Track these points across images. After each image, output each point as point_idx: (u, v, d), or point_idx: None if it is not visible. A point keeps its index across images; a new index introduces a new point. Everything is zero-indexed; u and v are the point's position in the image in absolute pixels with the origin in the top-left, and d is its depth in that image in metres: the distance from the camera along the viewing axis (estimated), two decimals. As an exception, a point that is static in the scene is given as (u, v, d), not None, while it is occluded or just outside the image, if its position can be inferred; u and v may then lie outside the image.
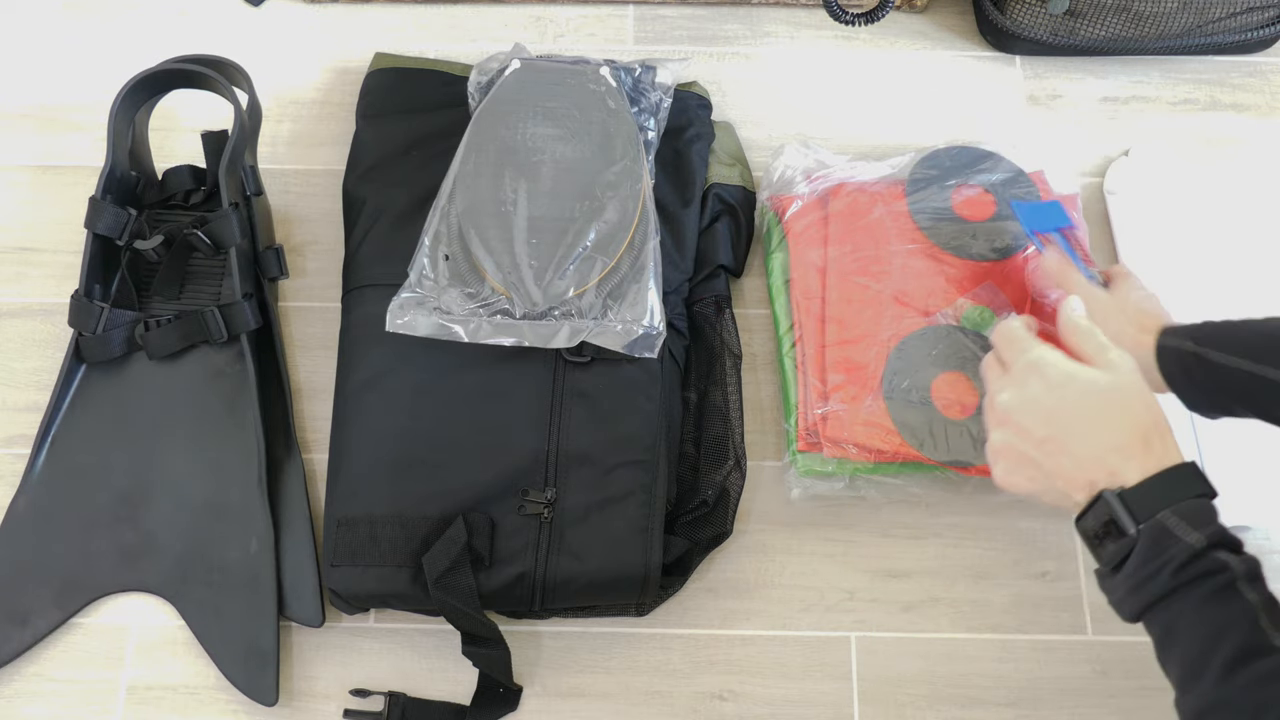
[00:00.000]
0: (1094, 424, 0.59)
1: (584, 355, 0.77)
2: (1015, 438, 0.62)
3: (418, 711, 0.73)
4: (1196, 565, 0.53)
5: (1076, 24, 0.93)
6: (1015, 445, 0.62)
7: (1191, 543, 0.53)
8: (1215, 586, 0.52)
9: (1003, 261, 0.83)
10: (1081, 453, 0.59)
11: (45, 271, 0.88)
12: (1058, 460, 0.60)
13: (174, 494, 0.78)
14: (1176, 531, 0.53)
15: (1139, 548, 0.54)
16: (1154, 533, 0.54)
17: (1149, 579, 0.54)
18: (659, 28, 1.00)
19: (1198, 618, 0.52)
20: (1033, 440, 0.61)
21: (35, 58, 0.97)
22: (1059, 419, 0.60)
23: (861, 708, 0.75)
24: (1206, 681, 0.51)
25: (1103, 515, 0.56)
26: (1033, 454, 0.61)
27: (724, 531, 0.77)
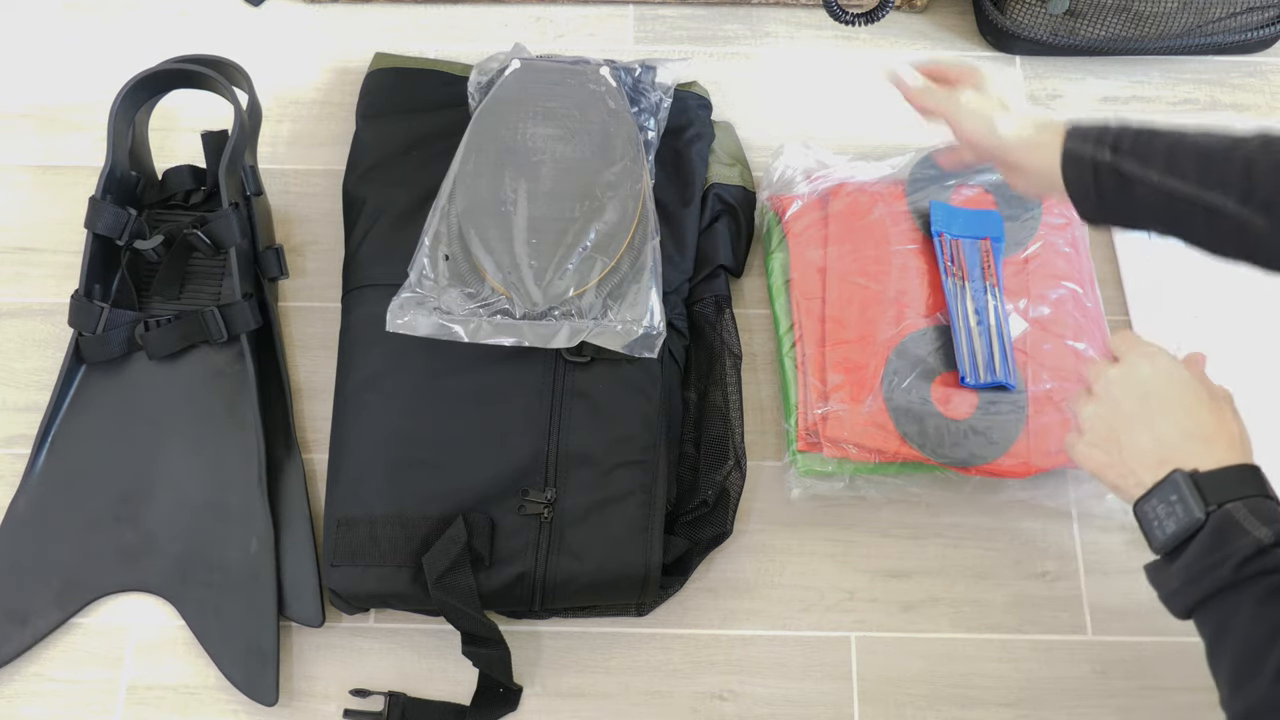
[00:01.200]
0: (1184, 411, 0.58)
1: (584, 355, 0.77)
2: (1107, 409, 0.61)
3: (418, 711, 0.73)
4: (1261, 560, 0.51)
5: (1076, 24, 0.93)
6: (1104, 417, 0.61)
7: (1260, 537, 0.51)
8: (1277, 584, 0.50)
9: (1003, 261, 0.83)
10: (1164, 432, 0.58)
11: (45, 271, 0.88)
12: (1139, 436, 0.58)
13: (174, 494, 0.78)
14: (1245, 524, 0.52)
15: (1202, 536, 0.53)
16: (1220, 523, 0.52)
17: (1209, 570, 0.52)
18: (659, 28, 1.00)
19: (1257, 615, 0.50)
20: (1122, 413, 0.60)
21: (35, 58, 0.97)
22: (1153, 398, 0.59)
23: (861, 708, 0.75)
24: (1262, 680, 0.49)
25: (1169, 494, 0.55)
26: (1118, 426, 0.60)
27: (724, 531, 0.77)
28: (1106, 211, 0.64)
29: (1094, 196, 0.63)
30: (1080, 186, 0.63)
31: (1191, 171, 0.59)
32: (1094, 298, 0.84)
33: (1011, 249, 0.84)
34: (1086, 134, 0.64)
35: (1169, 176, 0.60)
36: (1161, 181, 0.60)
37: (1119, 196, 0.62)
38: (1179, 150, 0.60)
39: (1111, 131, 0.63)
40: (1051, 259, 0.84)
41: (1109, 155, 0.62)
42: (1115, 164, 0.61)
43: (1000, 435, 0.77)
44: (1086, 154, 0.63)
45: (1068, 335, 0.81)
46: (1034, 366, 0.80)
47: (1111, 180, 0.62)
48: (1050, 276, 0.83)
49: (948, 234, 0.83)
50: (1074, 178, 0.63)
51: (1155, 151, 0.61)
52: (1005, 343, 0.79)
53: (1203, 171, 0.59)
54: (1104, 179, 0.62)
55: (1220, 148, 0.59)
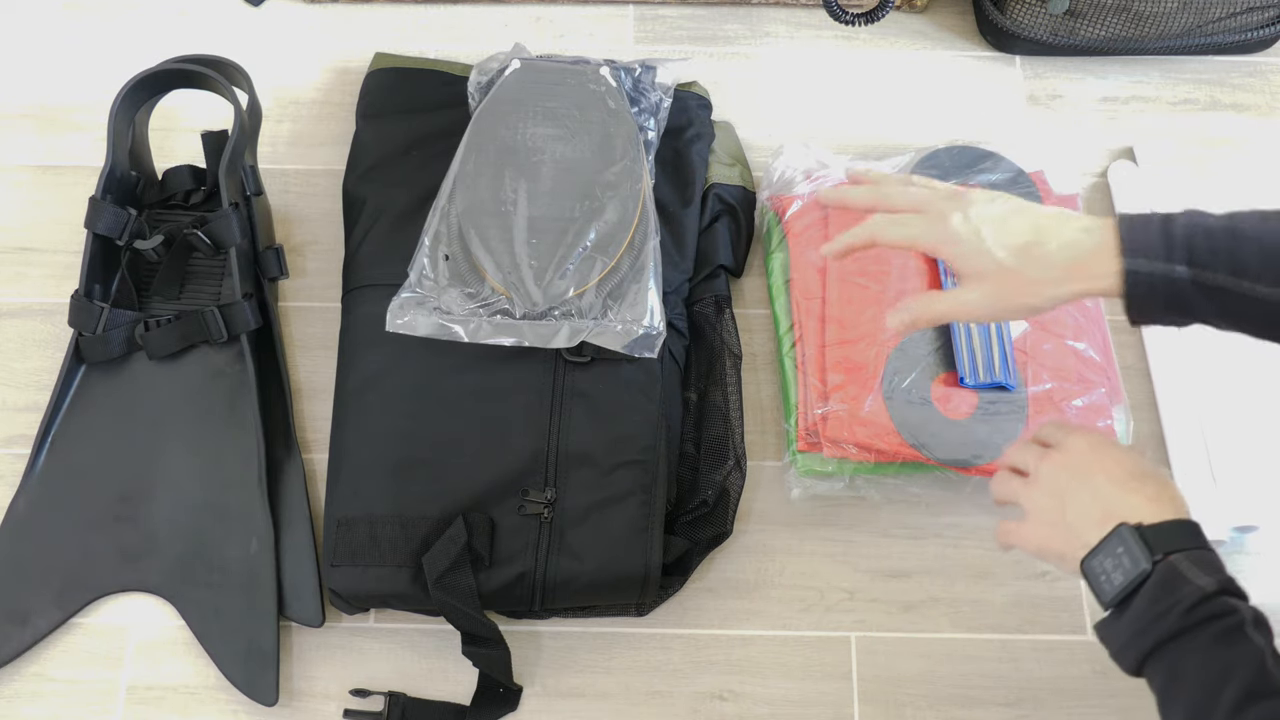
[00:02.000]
0: (1124, 472, 0.58)
1: (584, 355, 0.77)
2: (1047, 487, 0.61)
3: (418, 711, 0.73)
4: (1206, 607, 0.51)
5: (1076, 24, 0.93)
6: (1046, 494, 0.61)
7: (1203, 585, 0.52)
8: (1224, 629, 0.51)
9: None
10: (1106, 492, 0.58)
11: (45, 271, 0.88)
12: (1081, 499, 0.58)
13: (174, 494, 0.78)
14: (1188, 574, 0.52)
15: (1147, 588, 0.53)
16: (1165, 574, 0.53)
17: (1157, 620, 0.53)
18: (659, 28, 1.00)
19: (1205, 659, 0.51)
20: (1063, 486, 0.60)
21: (35, 58, 0.97)
22: (1093, 465, 0.60)
23: (861, 708, 0.75)
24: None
25: (1115, 548, 0.55)
26: (1061, 496, 0.60)
27: (724, 531, 0.77)
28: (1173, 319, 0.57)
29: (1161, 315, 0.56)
30: (1149, 309, 0.56)
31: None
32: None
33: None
34: (1148, 243, 0.55)
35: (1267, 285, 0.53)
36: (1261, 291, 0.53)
37: (1201, 309, 0.55)
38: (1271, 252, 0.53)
39: (1178, 236, 0.54)
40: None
41: (1186, 270, 0.54)
42: (1197, 278, 0.54)
43: (1000, 435, 0.77)
44: (1156, 272, 0.54)
45: (1068, 335, 0.81)
46: (1034, 366, 0.80)
47: (1195, 296, 0.54)
48: (1050, 276, 0.83)
49: None
50: (1142, 302, 0.55)
51: (1246, 255, 0.53)
52: (1005, 343, 0.79)
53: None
54: (1184, 296, 0.54)
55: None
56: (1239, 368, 0.82)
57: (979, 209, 0.60)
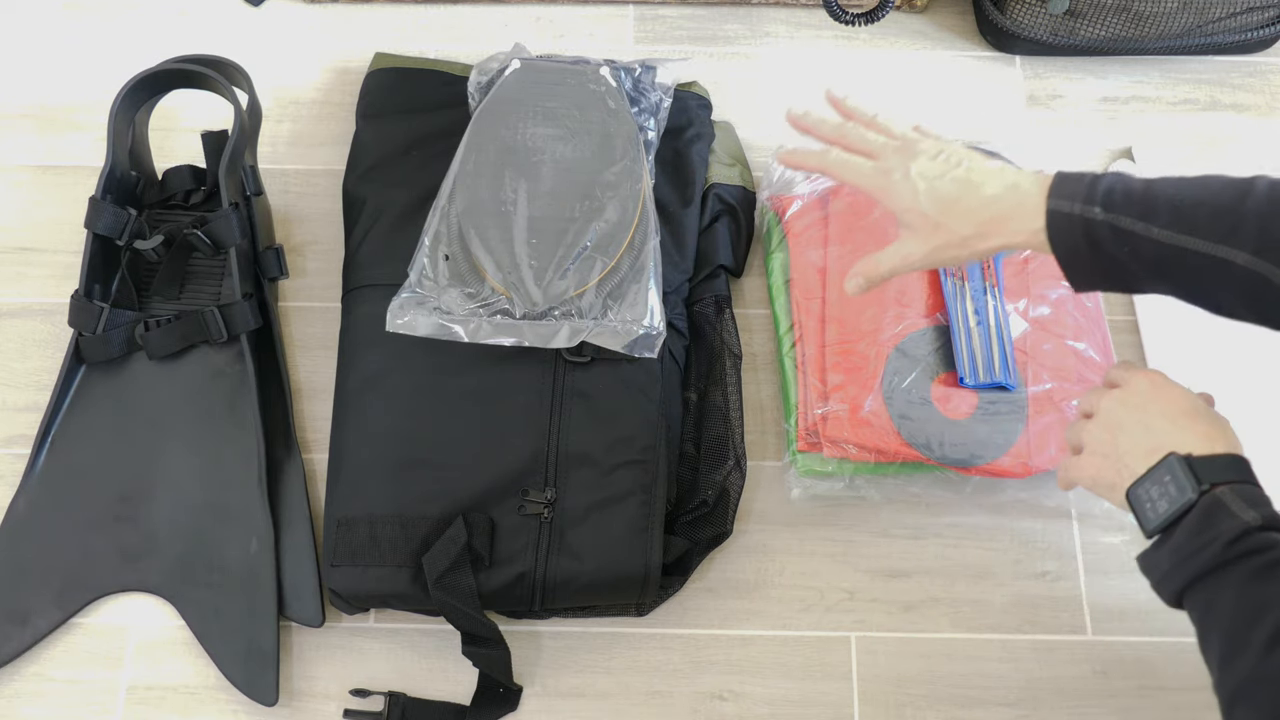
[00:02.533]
0: (1177, 408, 0.59)
1: (584, 355, 0.77)
2: (1105, 422, 0.61)
3: (418, 711, 0.73)
4: (1247, 541, 0.52)
5: (1076, 24, 0.93)
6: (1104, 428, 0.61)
7: (1246, 519, 0.52)
8: (1264, 564, 0.51)
9: (1003, 261, 0.83)
10: (1157, 424, 0.58)
11: (45, 271, 0.88)
12: (1134, 432, 0.59)
13: (174, 494, 0.78)
14: (1232, 507, 0.53)
15: (1190, 518, 0.54)
16: (1208, 506, 0.53)
17: (1197, 552, 0.53)
18: (659, 28, 1.00)
19: (1243, 593, 0.51)
20: (1119, 420, 0.60)
21: (35, 58, 0.97)
22: (1150, 403, 0.60)
23: (861, 708, 0.75)
24: (1248, 657, 0.50)
25: (1163, 475, 0.56)
26: (1116, 431, 0.60)
27: (724, 531, 0.77)
28: (1100, 273, 0.60)
29: (1087, 257, 0.59)
30: (1070, 248, 0.60)
31: (1201, 226, 0.56)
32: (1094, 297, 0.84)
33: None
34: (1072, 190, 0.60)
35: (1177, 231, 0.57)
36: (1169, 237, 0.57)
37: (1116, 254, 0.59)
38: (1182, 203, 0.57)
39: (1100, 186, 0.59)
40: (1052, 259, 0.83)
41: (1100, 213, 0.58)
42: (1111, 221, 0.58)
43: (1000, 435, 0.77)
44: (1076, 213, 0.59)
45: (1068, 335, 0.81)
46: (1034, 366, 0.80)
47: (1109, 239, 0.58)
48: (1050, 276, 0.83)
49: None
50: (1063, 240, 0.60)
51: (1156, 206, 0.57)
52: (1005, 343, 0.79)
53: (1212, 225, 0.56)
54: (1099, 238, 0.58)
55: (1227, 198, 0.56)
56: (1237, 368, 0.82)
57: (920, 164, 0.65)
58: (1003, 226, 0.62)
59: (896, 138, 0.68)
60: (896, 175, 0.65)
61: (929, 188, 0.64)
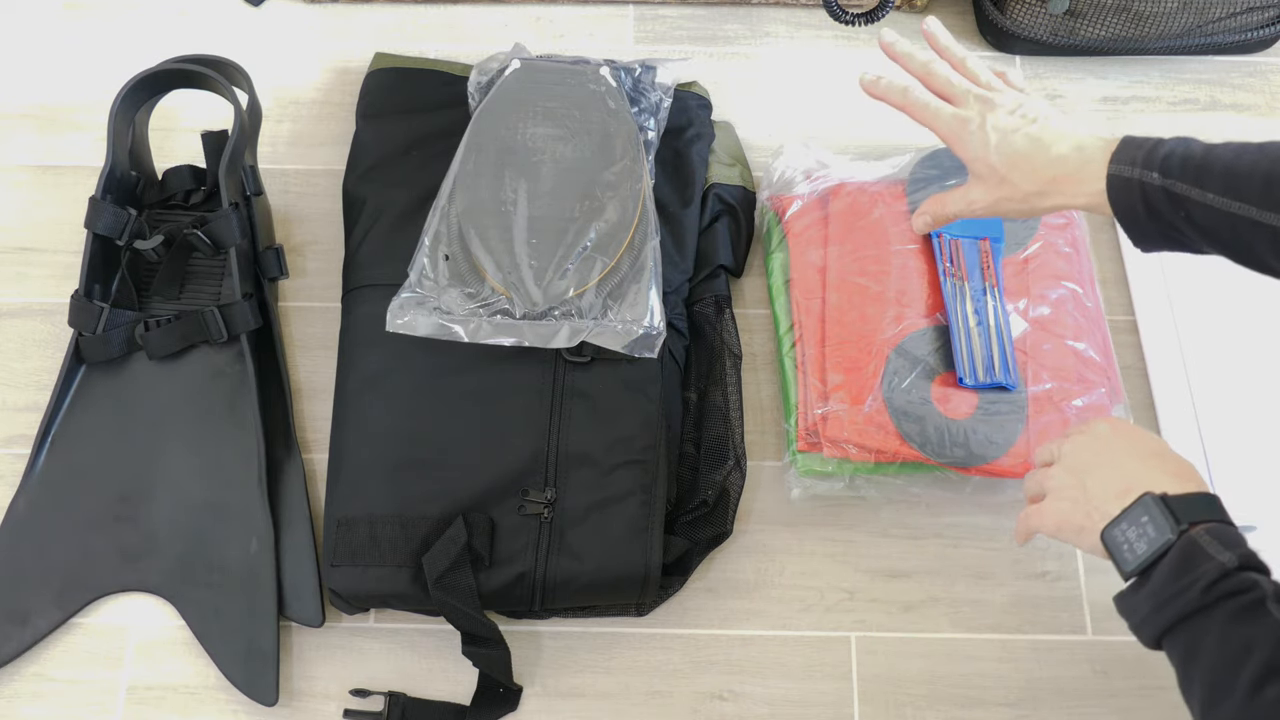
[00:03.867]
0: (1146, 451, 0.59)
1: (584, 355, 0.77)
2: (1068, 465, 0.61)
3: (418, 711, 0.73)
4: (1226, 583, 0.51)
5: (1076, 24, 0.93)
6: (1068, 471, 0.61)
7: (1223, 561, 0.52)
8: (1244, 605, 0.51)
9: (1003, 261, 0.83)
10: (1129, 466, 0.58)
11: (45, 271, 0.88)
12: (1103, 473, 0.59)
13: (174, 494, 0.78)
14: (1209, 549, 0.52)
15: (1168, 561, 0.53)
16: (1185, 548, 0.53)
17: (1176, 595, 0.52)
18: (659, 28, 1.00)
19: (1224, 636, 0.51)
20: (1084, 462, 0.60)
21: (35, 58, 0.97)
22: (1114, 443, 0.60)
23: (861, 708, 0.75)
24: (1233, 700, 0.50)
25: (1139, 516, 0.55)
26: (1081, 473, 0.60)
27: (724, 531, 0.77)
28: (1159, 235, 0.62)
29: (1145, 221, 0.61)
30: (1129, 211, 0.61)
31: (1253, 194, 0.57)
32: (1094, 298, 0.84)
33: (1011, 249, 0.84)
34: (1132, 156, 0.61)
35: (1229, 198, 0.58)
36: (1220, 203, 0.58)
37: (1172, 219, 0.60)
38: (1237, 170, 0.58)
39: (1160, 151, 0.60)
40: (1051, 259, 0.84)
41: (1158, 178, 0.60)
42: (1166, 187, 0.59)
43: (1000, 435, 0.77)
44: (1134, 177, 0.61)
45: (1068, 335, 0.81)
46: (1034, 366, 0.80)
47: (1164, 204, 0.60)
48: (1050, 276, 0.83)
49: (946, 234, 0.83)
50: (1122, 203, 0.61)
51: (1211, 172, 0.59)
52: (1005, 343, 0.79)
53: (1265, 193, 0.57)
54: (1155, 202, 0.60)
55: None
56: (1237, 368, 0.82)
57: (997, 117, 0.66)
58: (1065, 187, 0.64)
59: (981, 85, 0.69)
60: (973, 125, 0.66)
61: (1001, 141, 0.65)
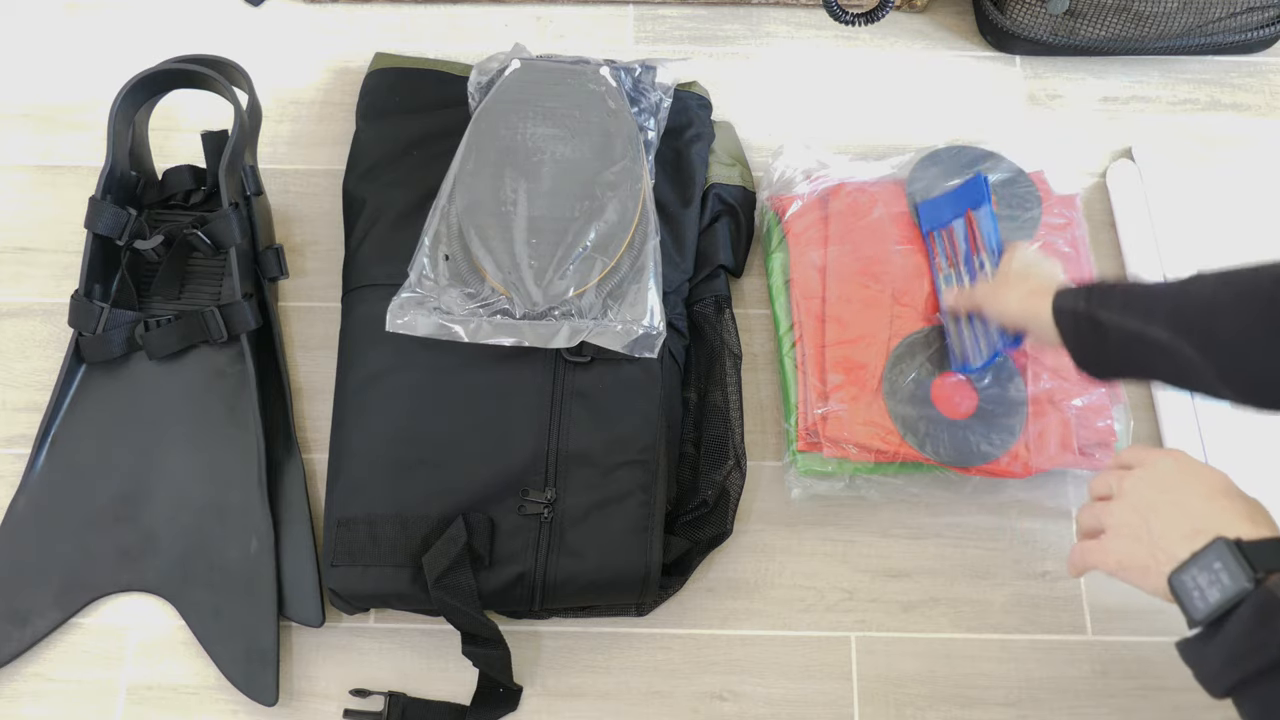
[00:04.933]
0: (1215, 490, 0.56)
1: (584, 355, 0.77)
2: (1132, 503, 0.58)
3: (418, 711, 0.73)
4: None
5: (1076, 24, 0.93)
6: (1131, 509, 0.58)
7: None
8: None
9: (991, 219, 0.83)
10: (1197, 506, 0.55)
11: (45, 271, 0.88)
12: (1169, 514, 0.56)
13: (174, 494, 0.78)
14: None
15: (1244, 612, 0.50)
16: (1263, 600, 0.50)
17: (1254, 650, 0.49)
18: (659, 28, 1.00)
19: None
20: (1148, 501, 0.57)
21: (35, 58, 0.97)
22: (1180, 483, 0.57)
23: (861, 708, 0.75)
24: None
25: (1212, 561, 0.52)
26: (1146, 512, 0.57)
27: (724, 531, 0.77)
28: (1094, 359, 0.66)
29: (1078, 346, 0.66)
30: (1068, 337, 0.66)
31: (1153, 314, 0.61)
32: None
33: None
34: (1071, 290, 0.67)
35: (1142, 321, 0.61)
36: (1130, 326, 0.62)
37: (1098, 344, 0.64)
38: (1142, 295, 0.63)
39: (1087, 287, 0.66)
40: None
41: (1083, 304, 0.65)
42: (1090, 312, 0.64)
43: (1000, 435, 0.77)
44: (1068, 306, 0.66)
45: (1068, 335, 0.81)
46: (1034, 366, 0.79)
47: (1088, 328, 0.64)
48: (1050, 276, 0.83)
49: (936, 229, 0.83)
50: (1064, 330, 0.66)
51: (1134, 299, 0.63)
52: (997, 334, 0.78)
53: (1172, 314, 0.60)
54: (1082, 327, 0.65)
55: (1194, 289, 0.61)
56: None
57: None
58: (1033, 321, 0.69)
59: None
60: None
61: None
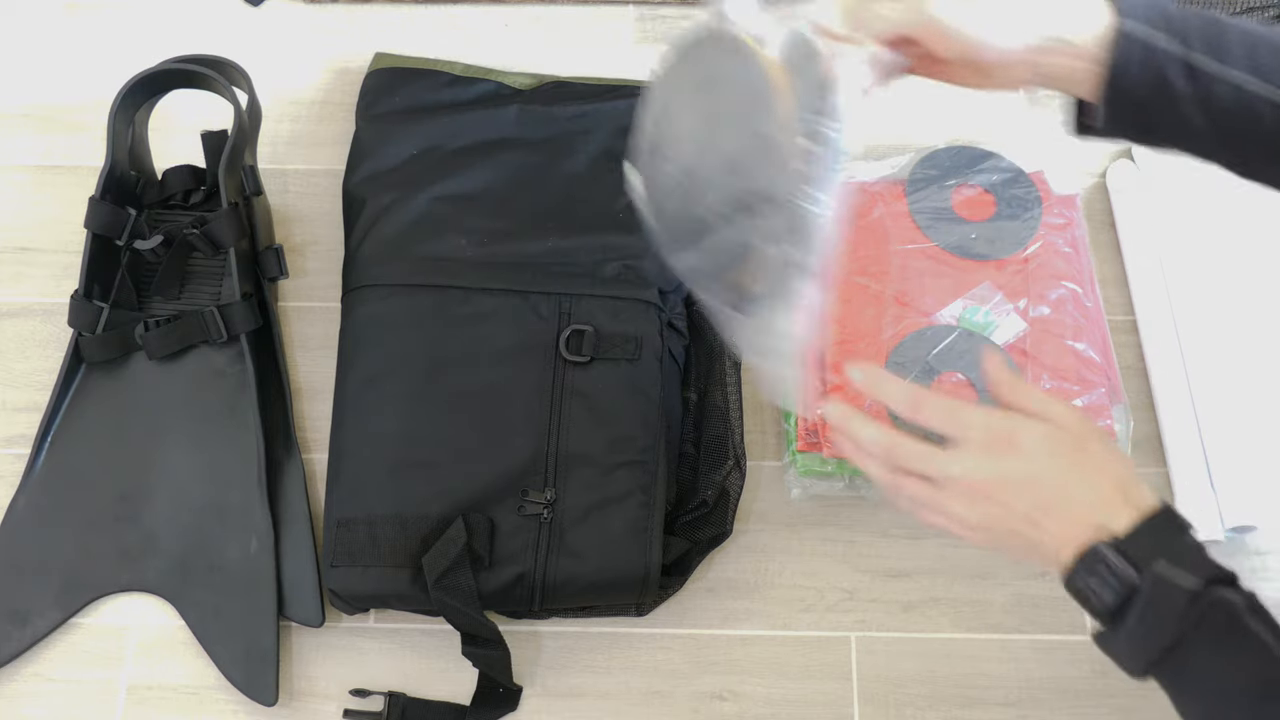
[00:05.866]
0: (1076, 487, 0.55)
1: (584, 355, 0.77)
2: (999, 512, 0.56)
3: (418, 711, 0.73)
4: (1197, 608, 0.50)
5: (1076, 23, 0.92)
6: (1000, 520, 0.57)
7: (1189, 586, 0.50)
8: (1220, 626, 0.50)
9: (1003, 261, 0.83)
10: (1068, 516, 0.55)
11: (45, 271, 0.88)
12: (1045, 527, 0.55)
13: (174, 494, 0.78)
14: (1173, 578, 0.51)
15: (1137, 600, 0.52)
16: (1152, 583, 0.51)
17: (1152, 630, 0.51)
18: (659, 28, 1.00)
19: (1209, 662, 0.50)
20: (1017, 515, 0.56)
21: (35, 58, 0.97)
22: (1041, 491, 0.55)
23: (861, 708, 0.75)
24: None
25: (1097, 567, 0.52)
26: (1018, 526, 0.56)
27: (724, 531, 0.77)
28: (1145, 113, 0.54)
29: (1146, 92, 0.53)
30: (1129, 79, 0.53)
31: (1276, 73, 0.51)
32: (1094, 297, 0.84)
33: (1011, 249, 0.84)
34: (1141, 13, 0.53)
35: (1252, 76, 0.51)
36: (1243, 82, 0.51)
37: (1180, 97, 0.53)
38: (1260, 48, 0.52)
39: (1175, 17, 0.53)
40: (1051, 259, 0.84)
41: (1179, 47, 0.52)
42: (1186, 57, 0.52)
43: (1000, 435, 0.77)
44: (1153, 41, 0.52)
45: (1067, 335, 0.81)
46: (1034, 366, 0.79)
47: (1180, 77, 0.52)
48: (1050, 276, 0.83)
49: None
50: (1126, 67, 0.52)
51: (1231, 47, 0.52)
52: None
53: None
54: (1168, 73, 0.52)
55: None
56: (1237, 368, 0.82)
57: None
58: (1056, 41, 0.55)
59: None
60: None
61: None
